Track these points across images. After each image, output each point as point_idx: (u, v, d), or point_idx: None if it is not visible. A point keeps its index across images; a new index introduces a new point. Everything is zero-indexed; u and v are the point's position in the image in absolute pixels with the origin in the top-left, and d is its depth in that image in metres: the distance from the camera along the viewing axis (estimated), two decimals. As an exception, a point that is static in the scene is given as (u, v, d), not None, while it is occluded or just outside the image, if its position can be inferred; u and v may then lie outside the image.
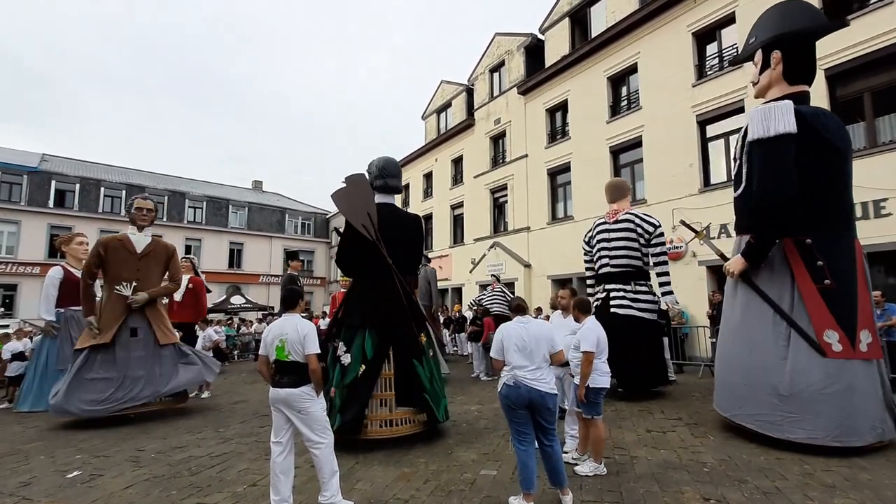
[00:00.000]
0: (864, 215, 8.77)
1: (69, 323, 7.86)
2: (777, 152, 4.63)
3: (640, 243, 7.53)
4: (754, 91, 5.48)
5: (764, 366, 4.65)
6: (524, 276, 16.64)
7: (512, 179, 18.13)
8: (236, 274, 30.72)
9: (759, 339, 4.75)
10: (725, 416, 5.06)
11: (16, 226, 23.90)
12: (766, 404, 4.58)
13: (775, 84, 5.13)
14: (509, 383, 3.28)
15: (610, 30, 14.08)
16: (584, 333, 4.01)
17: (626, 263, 7.56)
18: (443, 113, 24.17)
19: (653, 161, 12.93)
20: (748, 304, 4.97)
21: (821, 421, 4.29)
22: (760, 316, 4.81)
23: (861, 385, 4.38)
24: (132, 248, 6.70)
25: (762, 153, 4.73)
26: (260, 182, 39.21)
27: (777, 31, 5.08)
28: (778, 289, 4.77)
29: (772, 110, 4.68)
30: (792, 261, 4.74)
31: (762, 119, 4.70)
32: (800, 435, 4.35)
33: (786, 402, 4.46)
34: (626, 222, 7.61)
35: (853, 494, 3.36)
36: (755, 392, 4.68)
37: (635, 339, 7.01)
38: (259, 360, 3.46)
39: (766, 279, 4.87)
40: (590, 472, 3.85)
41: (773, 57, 5.05)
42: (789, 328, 4.61)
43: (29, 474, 4.32)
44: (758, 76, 5.25)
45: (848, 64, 9.31)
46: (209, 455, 4.77)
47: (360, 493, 3.61)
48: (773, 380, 4.56)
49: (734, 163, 5.34)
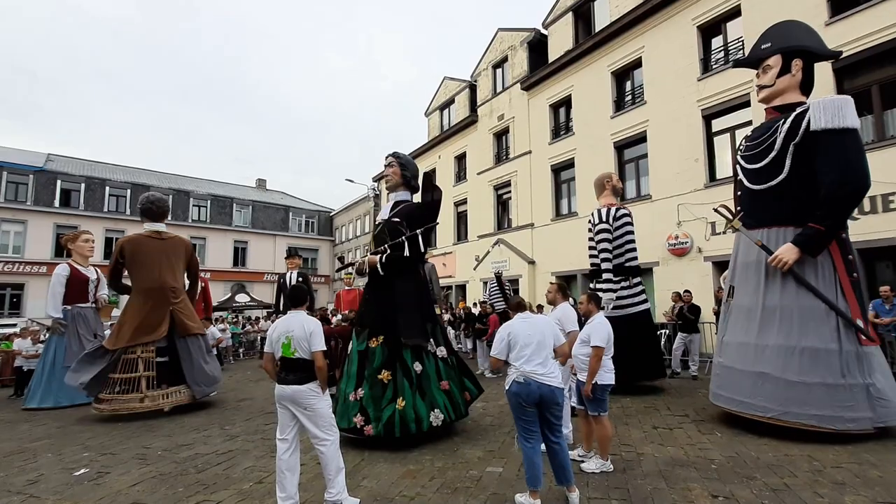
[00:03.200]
0: (872, 209, 8.68)
1: (76, 320, 7.91)
2: (856, 143, 4.78)
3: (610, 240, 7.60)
4: (764, 93, 5.46)
5: (817, 360, 4.63)
6: (528, 272, 16.59)
7: (515, 176, 18.06)
8: (241, 272, 30.85)
9: (812, 333, 4.70)
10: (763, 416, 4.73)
11: (22, 225, 24.05)
12: (820, 399, 4.53)
13: (791, 90, 5.32)
14: (519, 380, 3.25)
15: (614, 24, 13.96)
16: (595, 328, 3.96)
17: (593, 263, 7.80)
18: (446, 110, 24.09)
19: (658, 156, 12.83)
20: (793, 296, 4.86)
21: (866, 408, 4.44)
22: (810, 308, 4.78)
23: (884, 370, 4.70)
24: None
25: (842, 143, 4.73)
26: (264, 181, 39.26)
27: (801, 43, 5.25)
28: (824, 280, 4.85)
29: (847, 103, 4.77)
30: (833, 253, 4.87)
31: (838, 110, 4.73)
32: (853, 426, 4.43)
33: (841, 392, 4.49)
34: (591, 222, 7.85)
35: (864, 491, 3.33)
36: (810, 388, 4.57)
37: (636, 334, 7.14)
38: (265, 357, 3.46)
39: (810, 272, 4.88)
40: (596, 469, 3.83)
41: (795, 64, 5.25)
42: (838, 319, 4.68)
43: (36, 472, 4.35)
44: (774, 79, 5.31)
45: (855, 56, 9.18)
46: (215, 452, 4.78)
47: (366, 491, 3.61)
48: (829, 372, 4.58)
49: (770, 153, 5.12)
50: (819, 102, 4.89)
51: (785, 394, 4.63)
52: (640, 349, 7.14)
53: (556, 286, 4.77)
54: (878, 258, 8.96)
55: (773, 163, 5.11)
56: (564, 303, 4.66)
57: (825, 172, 4.77)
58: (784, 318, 4.85)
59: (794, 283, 4.89)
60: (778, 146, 5.06)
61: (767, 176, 5.16)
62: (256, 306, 22.98)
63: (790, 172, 4.98)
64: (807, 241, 4.83)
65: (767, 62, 5.39)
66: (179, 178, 32.92)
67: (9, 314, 22.70)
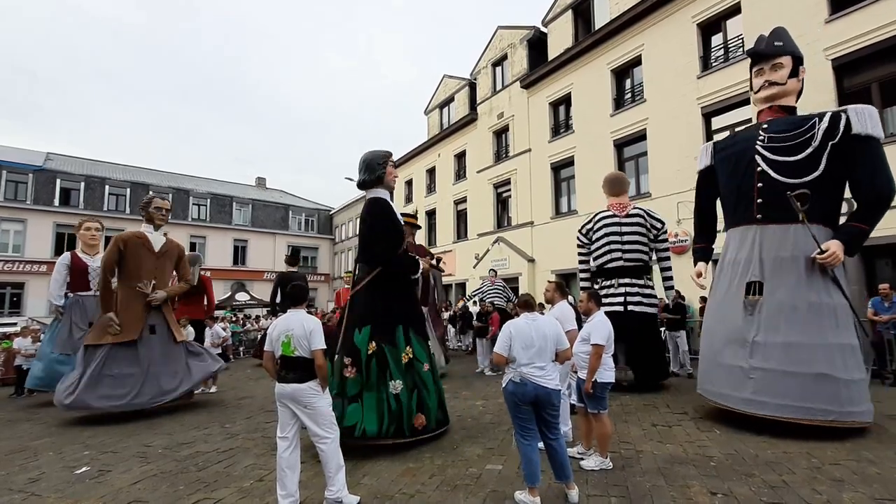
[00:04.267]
0: (871, 207, 8.68)
1: (72, 308, 7.92)
2: (882, 151, 4.97)
3: (650, 238, 7.64)
4: (774, 90, 5.42)
5: (857, 356, 4.76)
6: (528, 270, 16.60)
7: (515, 174, 18.06)
8: (241, 271, 30.85)
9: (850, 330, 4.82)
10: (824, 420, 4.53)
11: (22, 224, 24.05)
12: (863, 394, 4.69)
13: (793, 94, 5.47)
14: (515, 380, 3.27)
15: (613, 21, 13.95)
16: (596, 326, 3.97)
17: (638, 258, 7.62)
18: (445, 108, 24.07)
19: (657, 154, 12.84)
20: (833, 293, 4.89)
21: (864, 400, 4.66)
22: (843, 306, 4.87)
23: None
24: (151, 247, 6.81)
25: (879, 150, 4.94)
26: (263, 179, 39.25)
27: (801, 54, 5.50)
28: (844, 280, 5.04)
29: (875, 113, 4.98)
30: None
31: (873, 119, 4.92)
32: (870, 419, 4.67)
33: (852, 388, 4.61)
34: (638, 217, 7.69)
35: (862, 488, 3.34)
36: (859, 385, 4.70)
37: (650, 334, 7.36)
38: (265, 355, 3.47)
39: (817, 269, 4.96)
40: (596, 467, 3.84)
41: (802, 70, 5.43)
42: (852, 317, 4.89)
43: (37, 470, 4.36)
44: (786, 78, 5.37)
45: (855, 54, 9.19)
46: (216, 450, 4.79)
47: (367, 488, 3.62)
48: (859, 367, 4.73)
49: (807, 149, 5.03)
50: (861, 108, 5.01)
51: (845, 393, 4.57)
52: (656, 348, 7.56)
53: (554, 285, 4.79)
54: (877, 256, 8.96)
55: (810, 158, 5.02)
56: (562, 301, 4.68)
57: (868, 175, 4.90)
58: (831, 315, 4.80)
59: (830, 281, 4.90)
60: (817, 143, 5.00)
61: (802, 171, 5.04)
62: (256, 304, 22.99)
63: (824, 171, 4.97)
64: (851, 239, 4.89)
65: (780, 60, 5.38)
66: (179, 177, 32.91)
67: (9, 313, 22.70)
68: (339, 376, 4.66)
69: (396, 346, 4.77)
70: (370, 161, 5.22)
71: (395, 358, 4.70)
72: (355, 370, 4.60)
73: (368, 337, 4.68)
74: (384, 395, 4.55)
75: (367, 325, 4.75)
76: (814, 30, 9.70)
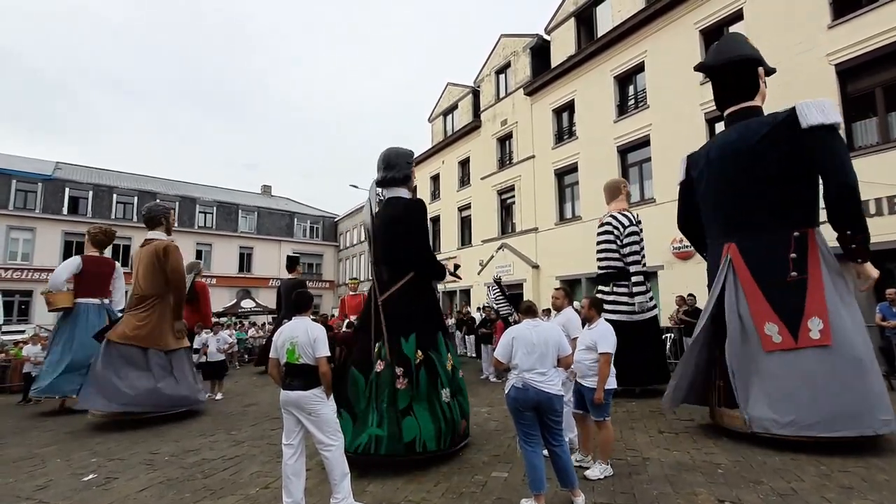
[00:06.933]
0: (877, 211, 8.64)
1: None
2: (842, 140, 4.74)
3: (617, 244, 7.59)
4: None
5: None
6: (532, 277, 16.58)
7: (519, 180, 18.09)
8: (246, 278, 30.99)
9: None
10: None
11: (31, 233, 24.31)
12: None
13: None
14: (517, 385, 3.27)
15: (616, 29, 14.02)
16: (603, 333, 3.97)
17: (606, 266, 7.74)
18: (449, 115, 24.19)
19: (661, 160, 12.82)
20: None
21: None
22: None
23: None
24: None
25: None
26: (269, 187, 39.58)
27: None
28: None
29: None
30: None
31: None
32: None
33: None
34: (607, 224, 7.78)
35: (871, 496, 3.30)
36: None
37: None
38: (269, 362, 3.49)
39: None
40: (601, 476, 3.81)
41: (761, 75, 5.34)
42: None
43: (45, 478, 4.39)
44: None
45: (858, 59, 9.18)
46: (222, 458, 4.81)
47: (371, 496, 3.62)
48: None
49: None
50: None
51: None
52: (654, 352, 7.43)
53: (563, 292, 4.81)
54: (885, 260, 8.88)
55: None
56: (569, 308, 4.68)
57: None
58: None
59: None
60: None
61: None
62: (262, 312, 23.07)
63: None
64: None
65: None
66: (186, 185, 33.19)
67: (17, 321, 22.88)
68: (389, 387, 4.32)
69: (440, 352, 4.62)
70: (394, 158, 5.03)
71: (443, 365, 4.56)
72: (407, 381, 4.33)
73: (416, 345, 4.45)
74: (436, 405, 4.36)
75: (412, 333, 4.48)
76: (816, 35, 9.71)
